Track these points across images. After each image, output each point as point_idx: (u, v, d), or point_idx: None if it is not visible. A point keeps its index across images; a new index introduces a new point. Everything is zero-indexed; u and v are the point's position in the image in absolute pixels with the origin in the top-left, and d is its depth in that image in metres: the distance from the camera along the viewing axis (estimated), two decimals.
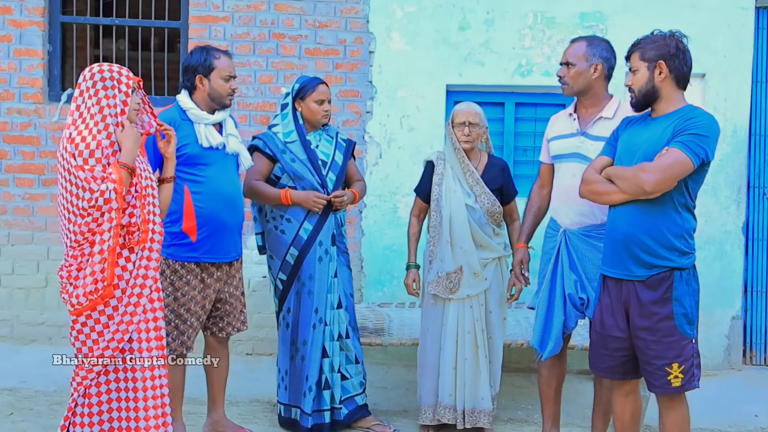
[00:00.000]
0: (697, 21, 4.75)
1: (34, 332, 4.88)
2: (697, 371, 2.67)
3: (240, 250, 3.35)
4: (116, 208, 2.50)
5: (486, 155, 3.63)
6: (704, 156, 2.58)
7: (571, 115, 3.25)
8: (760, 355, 5.04)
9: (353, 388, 3.63)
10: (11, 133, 4.86)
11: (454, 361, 3.51)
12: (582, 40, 3.22)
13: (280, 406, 3.64)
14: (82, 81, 2.61)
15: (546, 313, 3.18)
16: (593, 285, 3.06)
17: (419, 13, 4.85)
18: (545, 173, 3.39)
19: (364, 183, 3.83)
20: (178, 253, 3.13)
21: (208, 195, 3.14)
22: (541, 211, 3.40)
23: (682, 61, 2.67)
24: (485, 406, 3.51)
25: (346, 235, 3.72)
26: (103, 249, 2.51)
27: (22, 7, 4.82)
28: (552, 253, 3.20)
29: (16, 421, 3.67)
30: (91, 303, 2.52)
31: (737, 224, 4.88)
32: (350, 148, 3.72)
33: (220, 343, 3.43)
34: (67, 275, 2.56)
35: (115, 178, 2.50)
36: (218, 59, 3.20)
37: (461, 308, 3.50)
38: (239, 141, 3.32)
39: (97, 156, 2.51)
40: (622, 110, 3.14)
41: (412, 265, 3.69)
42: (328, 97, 3.57)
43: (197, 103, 3.21)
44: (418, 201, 3.72)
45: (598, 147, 3.03)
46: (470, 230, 3.48)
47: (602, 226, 3.03)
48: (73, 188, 2.50)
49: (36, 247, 4.88)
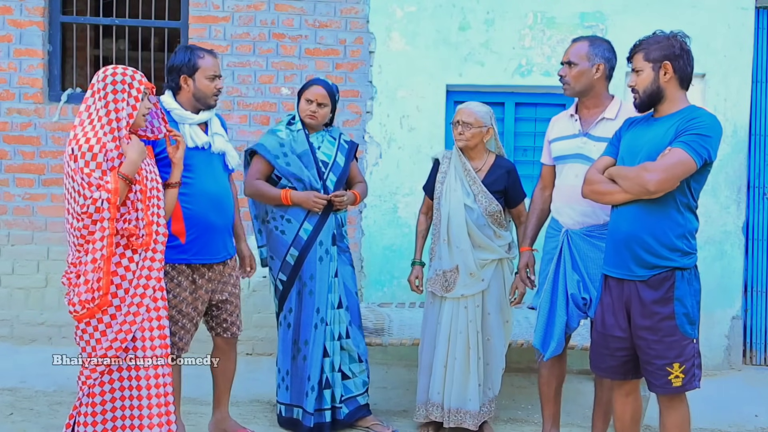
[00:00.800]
0: (697, 21, 4.75)
1: (34, 332, 4.87)
2: (698, 371, 2.67)
3: (231, 250, 3.33)
4: (108, 218, 2.48)
5: (493, 156, 3.60)
6: (707, 156, 2.57)
7: (573, 116, 3.24)
8: (760, 355, 5.04)
9: (355, 387, 3.63)
10: (11, 133, 4.86)
11: (445, 359, 3.51)
12: (584, 40, 3.20)
13: (280, 406, 3.64)
14: (95, 82, 2.62)
15: (548, 313, 3.18)
16: (596, 285, 3.06)
17: (419, 13, 4.85)
18: (547, 175, 3.38)
19: (366, 184, 3.82)
20: (167, 255, 3.09)
21: (194, 196, 3.11)
22: (544, 213, 3.39)
23: (686, 62, 2.68)
24: (471, 407, 3.50)
25: (347, 235, 3.72)
26: (96, 258, 2.50)
27: (22, 7, 4.82)
28: (554, 253, 3.19)
29: (16, 421, 3.67)
30: (88, 311, 2.52)
31: (737, 224, 4.88)
32: (353, 150, 3.72)
33: (227, 343, 3.42)
34: (68, 282, 2.58)
35: (111, 188, 2.49)
36: (202, 59, 3.16)
37: (455, 308, 3.50)
38: (226, 140, 3.30)
39: (99, 160, 2.51)
40: (624, 111, 3.13)
41: (417, 262, 3.70)
42: (319, 98, 3.53)
43: (182, 103, 3.19)
44: (425, 199, 3.73)
45: (600, 148, 3.03)
46: (467, 230, 3.47)
47: (604, 226, 3.04)
48: (73, 192, 2.51)
49: (36, 247, 4.88)
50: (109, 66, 2.67)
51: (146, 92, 2.68)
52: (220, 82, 3.23)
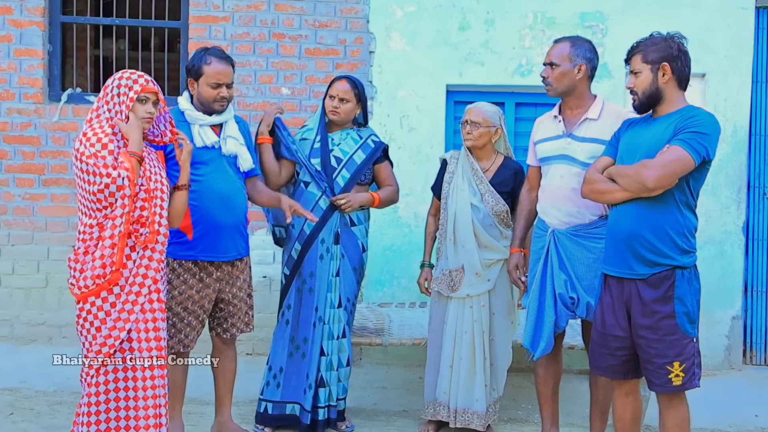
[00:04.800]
0: (697, 21, 4.76)
1: (34, 332, 4.87)
2: (697, 370, 2.68)
3: (242, 250, 3.30)
4: (129, 195, 2.57)
5: (501, 157, 3.59)
6: (705, 154, 2.59)
7: (556, 117, 3.25)
8: (760, 355, 5.04)
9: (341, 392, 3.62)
10: (11, 133, 4.86)
11: (451, 359, 3.52)
12: (566, 41, 3.20)
13: (265, 403, 3.59)
14: (107, 85, 2.72)
15: (537, 312, 3.18)
16: (583, 284, 3.09)
17: (419, 13, 4.86)
18: (533, 176, 3.39)
19: (395, 189, 3.72)
20: (175, 251, 3.12)
21: (202, 193, 3.12)
22: (532, 214, 3.40)
23: (684, 63, 2.69)
24: (478, 408, 3.49)
25: (361, 235, 3.63)
26: (114, 234, 2.57)
27: (22, 7, 4.82)
28: (541, 253, 3.20)
29: (17, 421, 3.67)
30: (97, 287, 2.57)
31: (737, 224, 4.88)
32: (378, 150, 3.64)
33: (225, 343, 3.42)
34: (75, 260, 2.62)
35: (127, 166, 2.57)
36: (208, 65, 3.14)
37: (461, 307, 3.50)
38: (240, 143, 3.28)
39: (110, 148, 2.59)
40: (606, 110, 3.15)
41: (426, 264, 3.69)
42: (341, 94, 3.54)
43: (195, 105, 3.23)
44: (434, 200, 3.73)
45: (585, 148, 3.07)
46: (473, 229, 3.47)
47: (590, 225, 3.09)
48: (85, 175, 2.56)
49: (36, 247, 4.88)
50: (121, 70, 2.75)
51: (148, 97, 2.70)
52: (224, 91, 3.18)
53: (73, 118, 4.85)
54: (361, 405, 4.07)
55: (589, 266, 3.08)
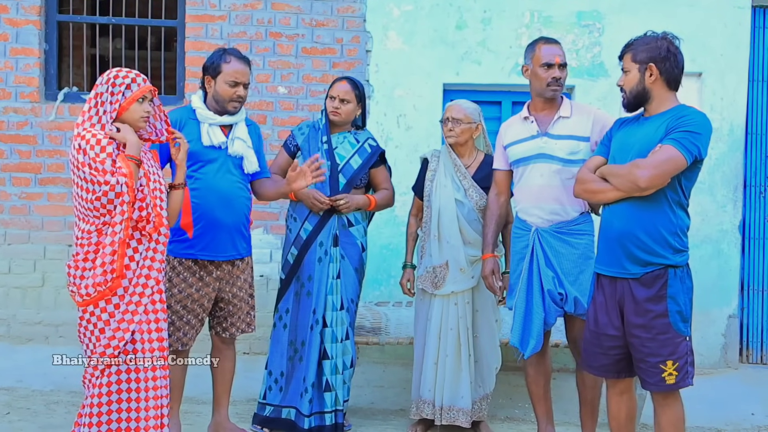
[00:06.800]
0: (693, 20, 4.76)
1: (31, 331, 4.87)
2: (691, 369, 2.68)
3: (242, 250, 3.31)
4: (128, 201, 2.55)
5: (482, 154, 3.62)
6: (697, 153, 2.59)
7: (527, 118, 3.29)
8: (757, 354, 5.05)
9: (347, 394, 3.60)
10: (8, 132, 4.85)
11: (436, 356, 3.52)
12: (558, 44, 3.31)
13: (267, 406, 3.58)
14: (99, 83, 2.68)
15: (525, 311, 3.19)
16: (570, 280, 3.12)
17: (416, 12, 4.86)
18: (502, 180, 3.39)
19: (391, 192, 3.72)
20: (175, 249, 3.14)
21: (203, 191, 3.14)
22: (502, 218, 3.42)
23: (673, 64, 2.69)
24: (464, 404, 3.49)
25: (360, 235, 3.62)
26: (114, 241, 2.56)
27: (18, 6, 4.81)
28: (525, 252, 3.21)
29: (13, 421, 3.67)
30: (99, 294, 2.56)
31: (734, 223, 4.89)
32: (375, 155, 3.64)
33: (224, 343, 3.42)
34: (75, 266, 2.59)
35: (125, 171, 2.55)
36: (228, 63, 3.19)
37: (445, 305, 3.51)
38: (247, 146, 3.29)
39: (109, 151, 2.56)
40: (575, 108, 3.26)
41: (408, 265, 3.70)
42: (341, 94, 3.54)
43: (208, 104, 3.25)
44: (415, 200, 3.73)
45: (562, 145, 3.15)
46: (458, 225, 3.48)
47: (573, 222, 3.15)
48: (83, 183, 2.54)
49: (32, 246, 4.87)
50: (114, 69, 2.72)
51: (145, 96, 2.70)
52: (241, 90, 3.22)
53: (69, 117, 4.84)
54: (358, 404, 4.07)
55: (575, 262, 3.13)
